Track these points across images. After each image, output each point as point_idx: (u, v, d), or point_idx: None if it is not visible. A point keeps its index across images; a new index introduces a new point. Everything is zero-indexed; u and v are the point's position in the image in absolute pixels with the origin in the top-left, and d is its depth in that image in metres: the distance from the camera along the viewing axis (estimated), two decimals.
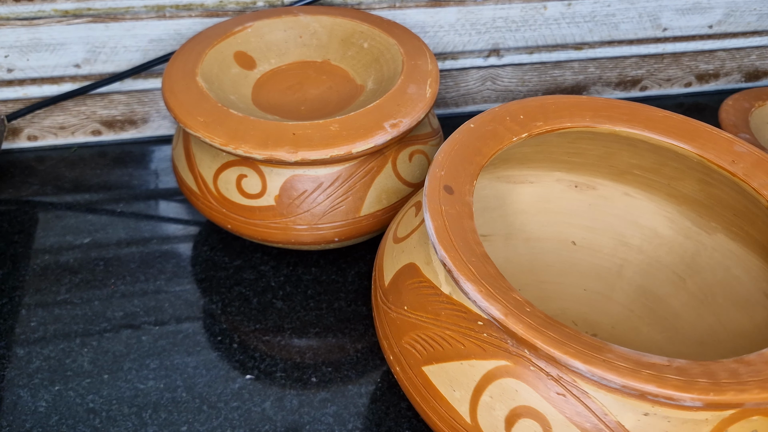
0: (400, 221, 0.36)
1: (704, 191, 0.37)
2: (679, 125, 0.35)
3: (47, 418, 0.36)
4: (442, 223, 0.29)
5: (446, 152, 0.33)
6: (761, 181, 0.33)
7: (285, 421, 0.37)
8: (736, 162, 0.34)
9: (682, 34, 0.61)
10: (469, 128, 0.34)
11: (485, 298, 0.26)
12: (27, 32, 0.49)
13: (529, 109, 0.36)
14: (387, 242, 0.35)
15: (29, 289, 0.43)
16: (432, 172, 0.31)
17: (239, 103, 0.44)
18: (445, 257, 0.28)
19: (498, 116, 0.35)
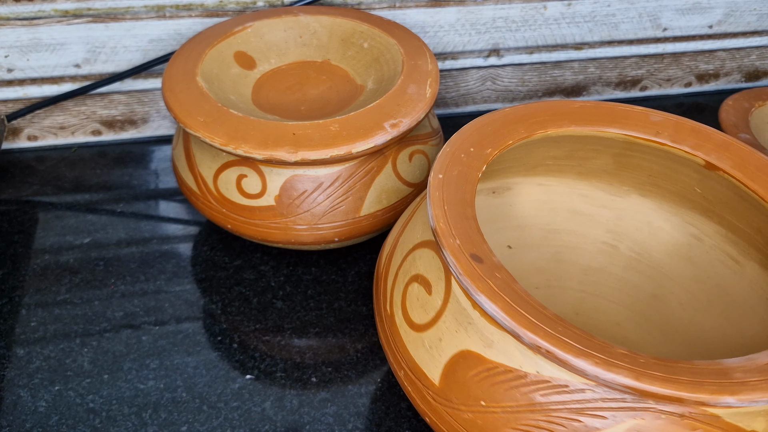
0: (404, 303, 0.31)
1: (617, 163, 0.38)
2: (595, 111, 0.36)
3: (47, 418, 0.36)
4: (505, 304, 0.25)
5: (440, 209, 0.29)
6: (691, 143, 0.35)
7: (285, 421, 0.37)
8: (660, 132, 0.35)
9: (682, 34, 0.61)
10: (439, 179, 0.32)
11: (608, 368, 0.23)
12: (27, 32, 0.49)
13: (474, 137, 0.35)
14: (402, 331, 0.31)
15: (29, 289, 0.43)
16: (448, 243, 0.27)
17: (239, 103, 0.44)
18: (536, 339, 0.24)
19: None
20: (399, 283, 0.32)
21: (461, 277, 0.26)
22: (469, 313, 0.27)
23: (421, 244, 0.31)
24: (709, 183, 0.36)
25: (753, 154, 0.35)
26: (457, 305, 0.28)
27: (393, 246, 0.34)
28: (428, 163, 0.44)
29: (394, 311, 0.31)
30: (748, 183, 0.34)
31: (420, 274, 0.30)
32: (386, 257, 0.34)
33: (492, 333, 0.27)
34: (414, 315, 0.30)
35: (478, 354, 0.27)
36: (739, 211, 0.36)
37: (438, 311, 0.29)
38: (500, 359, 0.26)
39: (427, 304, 0.29)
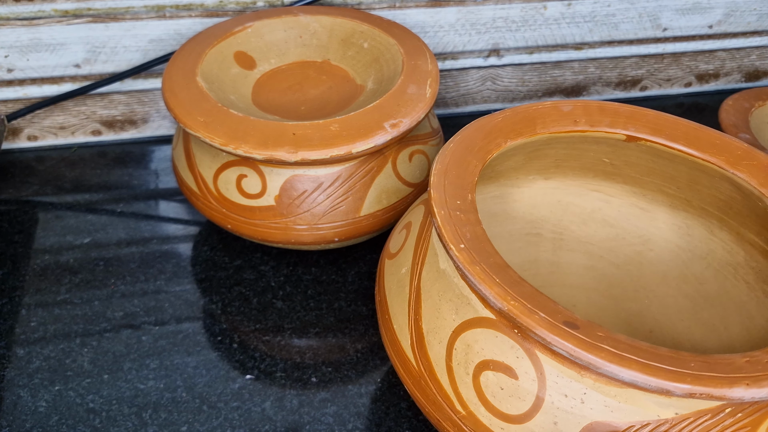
0: (484, 399, 0.28)
1: (527, 157, 0.39)
2: (514, 120, 0.36)
3: (47, 418, 0.36)
4: (640, 365, 0.23)
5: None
6: (606, 122, 0.36)
7: (285, 421, 0.37)
8: (578, 121, 0.36)
9: (682, 34, 0.61)
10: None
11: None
12: (27, 32, 0.49)
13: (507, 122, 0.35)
14: (497, 430, 0.27)
15: (29, 289, 0.43)
16: (535, 320, 0.25)
17: (239, 103, 0.44)
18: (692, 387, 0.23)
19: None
20: (461, 377, 0.28)
21: (575, 354, 0.24)
22: (579, 384, 0.25)
23: (466, 325, 0.28)
24: (622, 152, 0.37)
25: (661, 116, 0.36)
26: (560, 380, 0.26)
27: (416, 336, 0.30)
28: (428, 163, 0.44)
29: (473, 410, 0.28)
30: (670, 144, 0.35)
31: (489, 360, 0.27)
32: (414, 350, 0.30)
33: (615, 394, 0.25)
34: (506, 407, 0.27)
35: (606, 422, 0.25)
36: (652, 167, 0.37)
37: (537, 394, 0.26)
38: (634, 417, 0.25)
39: (519, 391, 0.27)
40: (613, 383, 0.25)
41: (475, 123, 0.35)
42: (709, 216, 0.37)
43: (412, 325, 0.30)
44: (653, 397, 0.25)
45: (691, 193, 0.37)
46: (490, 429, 0.27)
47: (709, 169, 0.34)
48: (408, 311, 0.31)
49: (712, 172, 0.34)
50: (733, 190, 0.34)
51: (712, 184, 0.35)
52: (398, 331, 0.31)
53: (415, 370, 0.30)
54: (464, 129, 0.35)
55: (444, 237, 0.27)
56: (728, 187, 0.35)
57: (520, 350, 0.26)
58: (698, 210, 0.38)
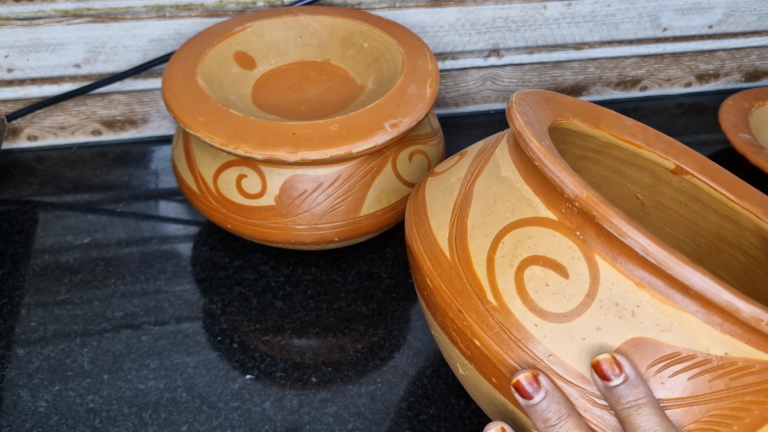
0: (524, 291, 0.27)
1: (572, 166, 0.39)
2: (584, 109, 0.37)
3: (47, 418, 0.36)
4: (712, 278, 0.23)
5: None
6: (662, 147, 0.36)
7: (285, 421, 0.37)
8: (636, 136, 0.36)
9: (682, 34, 0.61)
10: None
11: None
12: (27, 32, 0.49)
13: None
14: (529, 324, 0.26)
15: (29, 289, 0.43)
16: (608, 212, 0.25)
17: (239, 103, 0.44)
18: (756, 312, 0.23)
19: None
20: (503, 268, 0.27)
21: (652, 249, 0.23)
22: (634, 295, 0.25)
23: (521, 222, 0.28)
24: (660, 188, 0.38)
25: (709, 162, 0.37)
26: (614, 287, 0.25)
27: (458, 230, 0.30)
28: (428, 163, 0.44)
29: (507, 302, 0.27)
30: (715, 186, 0.35)
31: (540, 255, 0.27)
32: (452, 242, 0.30)
33: (670, 315, 0.24)
34: (546, 303, 0.26)
35: (653, 340, 0.24)
36: (681, 213, 0.38)
37: (586, 295, 0.26)
38: (682, 343, 0.24)
39: (566, 290, 0.26)
40: (671, 303, 0.24)
41: (544, 92, 0.35)
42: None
43: (455, 220, 0.30)
44: (708, 329, 0.24)
45: (709, 252, 0.36)
46: (521, 322, 0.26)
47: (743, 218, 0.34)
48: (453, 209, 0.31)
49: (745, 222, 0.34)
50: (757, 248, 0.34)
51: (738, 238, 0.35)
52: (435, 227, 0.31)
53: (448, 261, 0.29)
54: (538, 90, 0.35)
55: (525, 133, 0.27)
56: (754, 243, 0.34)
57: (578, 252, 0.26)
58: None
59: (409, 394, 0.38)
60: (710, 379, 0.24)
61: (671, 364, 0.24)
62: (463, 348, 0.28)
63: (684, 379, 0.24)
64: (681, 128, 0.62)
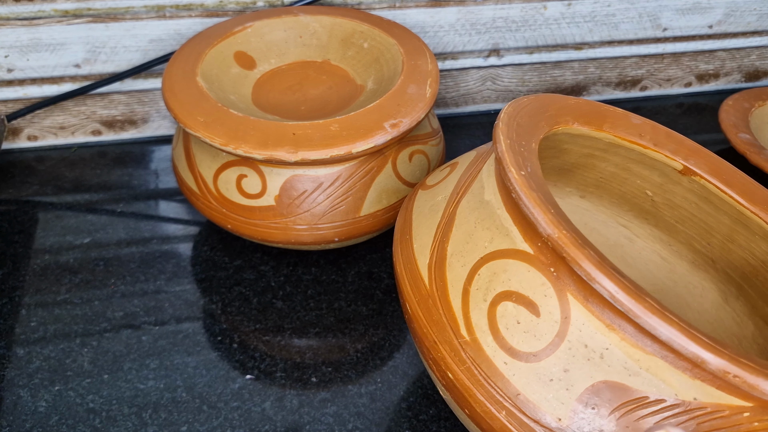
0: (495, 328, 0.27)
1: (577, 163, 0.39)
2: (588, 109, 0.36)
3: (47, 418, 0.36)
4: (679, 326, 0.22)
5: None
6: (671, 148, 0.36)
7: (285, 421, 0.37)
8: (643, 136, 0.36)
9: (682, 34, 0.61)
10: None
11: None
12: (27, 32, 0.49)
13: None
14: (499, 362, 0.26)
15: (29, 289, 0.43)
16: (585, 254, 0.24)
17: (239, 103, 0.44)
18: (725, 364, 0.22)
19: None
20: (477, 302, 0.27)
21: (619, 296, 0.23)
22: (603, 338, 0.24)
23: (498, 254, 0.27)
24: (670, 187, 0.37)
25: (723, 162, 0.36)
26: (584, 328, 0.25)
27: (438, 257, 0.30)
28: (428, 163, 0.44)
29: (478, 337, 0.27)
30: (724, 188, 0.34)
31: (513, 291, 0.26)
32: (431, 270, 0.30)
33: (638, 359, 0.24)
34: (516, 341, 0.26)
35: (621, 384, 0.24)
36: (692, 213, 0.36)
37: (556, 336, 0.25)
38: (650, 388, 0.24)
39: (537, 329, 0.25)
40: (639, 348, 0.24)
41: (546, 95, 0.35)
42: (728, 282, 0.35)
43: (437, 246, 0.30)
44: (677, 375, 0.24)
45: (720, 253, 0.36)
46: (492, 359, 0.26)
47: (753, 223, 0.33)
48: (435, 233, 0.30)
49: (755, 228, 0.33)
50: (763, 256, 0.33)
51: (749, 243, 0.34)
52: (417, 251, 0.30)
53: (426, 289, 0.29)
54: (541, 96, 0.34)
55: (505, 160, 0.27)
56: (764, 248, 0.33)
57: (551, 289, 0.25)
58: (720, 274, 0.36)
59: (409, 394, 0.38)
60: (678, 424, 0.24)
61: (638, 408, 0.24)
62: (439, 377, 0.28)
63: (651, 423, 0.24)
64: (681, 128, 0.62)
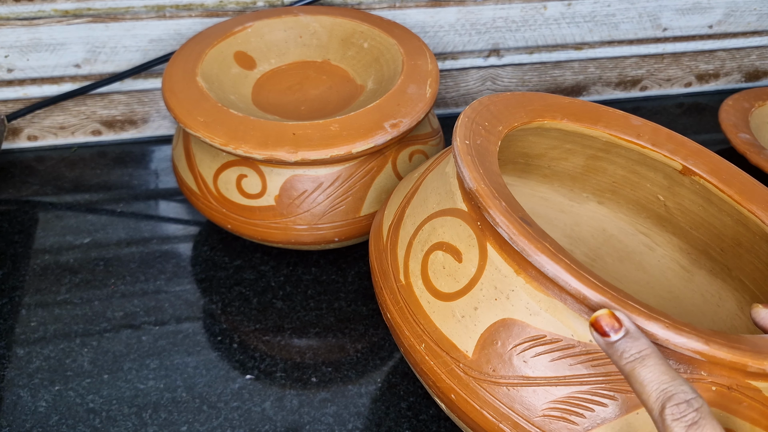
0: (425, 272, 0.29)
1: (586, 165, 0.39)
2: (582, 108, 0.36)
3: (47, 418, 0.36)
4: (567, 266, 0.24)
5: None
6: (669, 148, 0.36)
7: (285, 421, 0.37)
8: (641, 135, 0.36)
9: (682, 34, 0.61)
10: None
11: (680, 332, 0.23)
12: (27, 32, 0.49)
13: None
14: (424, 302, 0.29)
15: (29, 289, 0.43)
16: (495, 205, 0.26)
17: (239, 103, 0.44)
18: (606, 301, 0.23)
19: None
20: (416, 252, 0.30)
21: (515, 238, 0.25)
22: (511, 281, 0.26)
23: (441, 213, 0.30)
24: (677, 189, 0.37)
25: (723, 162, 0.36)
26: (496, 272, 0.27)
27: (397, 218, 0.33)
28: None
29: (411, 281, 0.30)
30: (722, 187, 0.34)
31: (444, 242, 0.29)
32: (390, 229, 0.33)
33: (539, 300, 0.26)
34: (440, 284, 0.29)
35: (522, 322, 0.26)
36: (702, 217, 0.37)
37: (471, 279, 0.27)
38: (548, 327, 0.25)
39: (457, 272, 0.28)
40: (542, 290, 0.25)
41: (540, 94, 0.36)
42: (743, 290, 0.36)
43: (399, 209, 0.33)
44: (574, 316, 0.25)
45: (732, 259, 0.36)
46: (419, 299, 0.29)
47: (752, 223, 0.34)
48: (402, 199, 0.34)
49: (755, 229, 0.34)
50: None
51: (753, 245, 0.34)
52: (386, 216, 0.34)
53: (383, 244, 0.33)
54: (527, 92, 0.36)
55: (456, 131, 0.30)
56: (766, 250, 0.34)
57: (474, 240, 0.28)
58: (735, 282, 0.36)
59: (409, 394, 0.38)
60: (572, 364, 0.25)
61: (535, 345, 0.25)
62: (384, 318, 0.32)
63: (546, 360, 0.25)
64: (681, 128, 0.61)
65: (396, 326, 0.30)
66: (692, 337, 0.23)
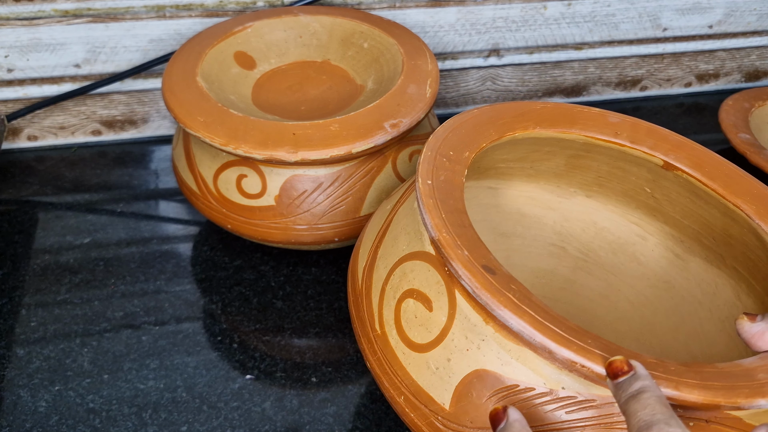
0: (399, 322, 0.29)
1: (568, 164, 0.39)
2: (556, 113, 0.36)
3: (47, 418, 0.36)
4: (531, 318, 0.24)
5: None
6: (649, 143, 0.35)
7: (285, 421, 0.37)
8: (619, 134, 0.35)
9: (682, 34, 0.61)
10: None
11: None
12: (27, 32, 0.49)
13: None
14: (399, 353, 0.29)
15: (29, 289, 0.43)
16: (456, 255, 0.26)
17: (239, 103, 0.44)
18: (571, 354, 0.23)
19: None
20: (388, 300, 0.30)
21: (478, 292, 0.24)
22: (481, 330, 0.26)
23: (410, 256, 0.29)
24: (662, 183, 0.36)
25: (708, 154, 0.35)
26: (466, 322, 0.26)
27: (371, 259, 0.32)
28: None
29: (386, 331, 0.29)
30: (706, 181, 0.34)
31: (415, 289, 0.28)
32: (364, 272, 0.32)
33: (510, 349, 0.25)
34: (413, 334, 0.28)
35: (494, 373, 0.26)
36: (690, 208, 0.36)
37: (443, 329, 0.27)
38: (520, 377, 0.25)
39: (429, 322, 0.28)
40: (512, 338, 0.25)
41: (510, 103, 0.35)
42: (739, 279, 0.35)
43: (372, 249, 0.32)
44: (545, 364, 0.25)
45: (724, 248, 0.36)
46: (395, 351, 0.29)
47: (739, 217, 0.33)
48: (374, 238, 0.33)
49: (741, 221, 0.33)
50: (758, 246, 0.33)
51: (742, 236, 0.34)
52: (361, 255, 0.34)
53: (359, 288, 0.32)
54: (496, 104, 0.35)
55: (418, 170, 0.29)
56: (755, 242, 0.33)
57: (443, 287, 0.27)
58: (730, 270, 0.36)
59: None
60: (547, 411, 0.25)
61: (510, 396, 0.25)
62: (368, 366, 0.31)
63: (523, 409, 0.25)
64: (681, 128, 0.61)
65: (376, 376, 0.30)
66: (662, 384, 0.23)
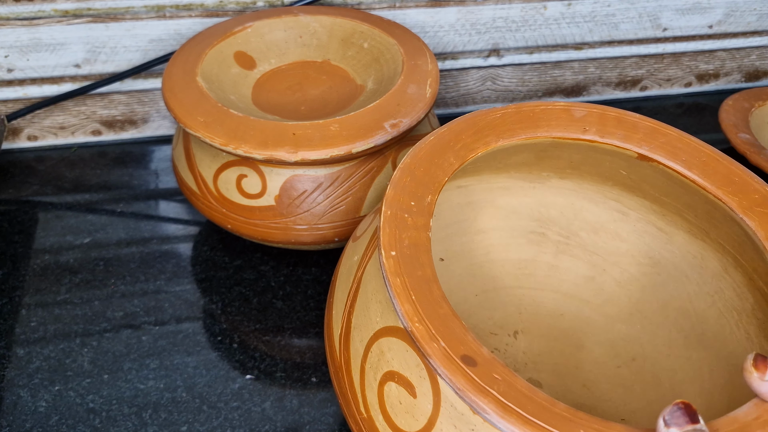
0: (384, 408, 0.27)
1: (537, 156, 0.37)
2: (517, 118, 0.34)
3: (47, 418, 0.36)
4: (519, 417, 0.22)
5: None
6: (619, 135, 0.33)
7: (285, 421, 0.37)
8: (587, 129, 0.34)
9: (682, 34, 0.61)
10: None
11: None
12: (27, 32, 0.49)
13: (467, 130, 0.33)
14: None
15: (29, 289, 0.43)
16: (432, 349, 0.24)
17: (239, 103, 0.44)
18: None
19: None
20: (370, 381, 0.28)
21: (461, 393, 0.23)
22: (469, 419, 0.24)
23: (386, 331, 0.28)
24: (638, 169, 0.35)
25: (682, 140, 0.33)
26: (452, 410, 0.25)
27: (345, 328, 0.30)
28: None
29: (372, 416, 0.28)
30: (684, 172, 0.32)
31: (395, 371, 0.27)
32: (341, 341, 0.30)
33: None
34: (400, 422, 0.27)
35: None
36: (669, 190, 0.35)
37: (430, 418, 0.26)
38: None
39: (414, 410, 0.26)
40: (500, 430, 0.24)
41: (468, 116, 0.33)
42: (725, 253, 0.34)
43: (345, 315, 0.30)
44: None
45: (708, 225, 0.34)
46: None
47: (721, 208, 0.32)
48: (346, 300, 0.30)
49: (724, 212, 0.32)
50: (742, 235, 0.31)
51: (724, 223, 0.33)
52: (334, 318, 0.31)
53: (338, 361, 0.30)
54: (453, 122, 0.32)
55: (380, 240, 0.27)
56: (738, 231, 0.32)
57: (424, 371, 0.26)
58: (715, 243, 0.34)
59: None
60: None
61: None
62: None
63: None
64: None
65: None
66: None
